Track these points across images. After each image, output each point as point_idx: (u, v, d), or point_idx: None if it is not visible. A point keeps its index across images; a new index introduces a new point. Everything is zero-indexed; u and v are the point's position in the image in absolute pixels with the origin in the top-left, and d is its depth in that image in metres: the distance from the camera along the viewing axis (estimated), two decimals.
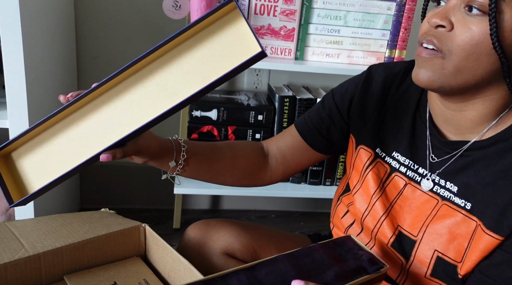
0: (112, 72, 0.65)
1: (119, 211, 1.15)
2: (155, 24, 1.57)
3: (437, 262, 0.68)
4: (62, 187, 1.47)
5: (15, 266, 0.75)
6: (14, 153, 0.70)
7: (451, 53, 0.60)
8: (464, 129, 0.68)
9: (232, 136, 1.46)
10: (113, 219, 1.00)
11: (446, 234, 0.67)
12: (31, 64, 1.08)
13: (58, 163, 0.67)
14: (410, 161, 0.75)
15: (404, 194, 0.74)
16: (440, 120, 0.72)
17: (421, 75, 0.63)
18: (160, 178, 0.81)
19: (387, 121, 0.78)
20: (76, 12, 1.52)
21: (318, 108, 0.87)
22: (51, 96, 1.29)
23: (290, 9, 1.36)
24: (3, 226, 0.92)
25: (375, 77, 0.81)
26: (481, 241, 0.64)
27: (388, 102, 0.79)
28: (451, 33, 0.60)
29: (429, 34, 0.62)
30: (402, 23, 1.39)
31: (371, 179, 0.78)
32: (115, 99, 0.66)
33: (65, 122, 0.69)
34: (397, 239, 0.74)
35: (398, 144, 0.76)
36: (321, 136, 0.86)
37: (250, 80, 1.67)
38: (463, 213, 0.67)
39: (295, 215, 1.87)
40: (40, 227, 0.91)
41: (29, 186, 0.69)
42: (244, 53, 0.60)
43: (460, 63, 0.60)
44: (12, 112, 1.08)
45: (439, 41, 0.61)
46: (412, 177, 0.74)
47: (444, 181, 0.70)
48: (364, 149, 0.80)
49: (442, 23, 0.60)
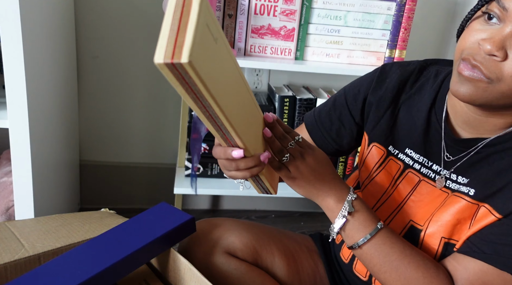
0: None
1: (119, 211, 1.15)
2: (155, 24, 1.57)
3: (444, 247, 0.71)
4: (62, 187, 1.47)
5: (15, 266, 0.75)
6: None
7: (500, 81, 0.58)
8: (483, 130, 0.69)
9: None
10: (113, 219, 1.00)
11: (451, 220, 0.69)
12: (31, 64, 1.08)
13: None
14: (424, 158, 0.75)
15: (418, 190, 0.75)
16: (459, 120, 0.71)
17: (462, 91, 0.61)
18: (159, 178, 0.80)
19: (400, 118, 0.79)
20: (76, 12, 1.52)
21: (329, 109, 0.87)
22: (51, 96, 1.29)
23: (290, 9, 1.36)
24: (3, 226, 0.92)
25: (389, 75, 0.81)
26: (484, 220, 0.66)
27: (402, 100, 0.79)
28: (503, 63, 0.58)
29: (477, 59, 0.59)
30: (402, 23, 1.39)
31: (382, 176, 0.79)
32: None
33: None
34: (407, 233, 0.76)
35: (411, 141, 0.77)
36: (330, 139, 0.86)
37: (250, 80, 1.67)
38: (466, 199, 0.69)
39: (295, 215, 1.87)
40: (40, 227, 0.91)
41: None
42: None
43: (507, 91, 0.59)
44: (12, 112, 1.08)
45: (488, 69, 0.58)
46: (426, 174, 0.75)
47: (456, 175, 0.71)
48: (377, 146, 0.81)
49: (497, 53, 0.57)
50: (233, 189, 1.45)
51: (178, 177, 1.48)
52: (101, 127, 1.68)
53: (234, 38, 1.38)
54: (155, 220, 0.80)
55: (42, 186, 1.23)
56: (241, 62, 1.34)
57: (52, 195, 1.34)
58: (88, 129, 1.68)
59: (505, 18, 0.58)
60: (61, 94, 1.40)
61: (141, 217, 0.82)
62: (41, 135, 1.20)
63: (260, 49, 1.39)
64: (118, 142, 1.72)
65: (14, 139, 1.10)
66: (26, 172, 1.13)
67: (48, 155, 1.28)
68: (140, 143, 1.73)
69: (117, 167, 1.74)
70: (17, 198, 1.15)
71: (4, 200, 1.20)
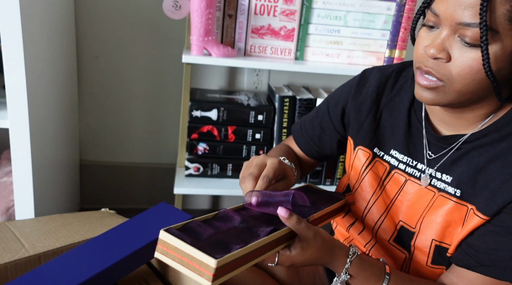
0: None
1: (119, 211, 1.15)
2: (155, 24, 1.57)
3: (436, 250, 0.71)
4: (62, 187, 1.47)
5: (15, 266, 0.75)
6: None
7: (452, 81, 0.62)
8: (460, 126, 0.71)
9: (232, 137, 1.46)
10: (113, 219, 1.00)
11: (441, 222, 0.70)
12: (31, 64, 1.08)
13: None
14: (408, 157, 0.77)
15: (405, 189, 0.76)
16: (437, 118, 0.74)
17: (425, 97, 0.65)
18: (160, 178, 0.81)
19: (383, 120, 0.80)
20: (76, 12, 1.52)
21: (312, 117, 0.92)
22: (51, 96, 1.29)
23: (290, 9, 1.36)
24: (3, 226, 0.92)
25: (369, 80, 0.83)
26: (471, 223, 0.67)
27: (383, 103, 0.81)
28: (449, 64, 0.61)
29: (427, 65, 0.63)
30: (402, 23, 1.39)
31: (370, 178, 0.80)
32: None
33: None
34: (398, 234, 0.76)
35: (395, 141, 0.78)
36: (313, 144, 0.90)
37: (250, 80, 1.67)
38: (454, 200, 0.70)
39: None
40: (40, 227, 0.92)
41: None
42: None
43: (462, 89, 0.62)
44: (12, 112, 1.08)
45: (438, 72, 0.63)
46: (411, 173, 0.76)
47: (440, 173, 0.72)
48: (362, 150, 0.82)
49: (440, 56, 0.61)
50: (233, 189, 1.45)
51: (178, 177, 1.48)
52: (101, 127, 1.68)
53: (234, 38, 1.38)
54: (155, 220, 0.80)
55: (42, 186, 1.23)
56: (241, 62, 1.34)
57: (52, 195, 1.34)
58: (88, 129, 1.68)
59: (439, 23, 0.62)
60: (61, 94, 1.40)
61: (141, 217, 0.82)
62: (41, 135, 1.20)
63: (260, 49, 1.39)
64: (118, 142, 1.72)
65: (14, 139, 1.10)
66: (26, 172, 1.13)
67: (48, 155, 1.28)
68: (140, 142, 1.73)
69: (117, 167, 1.74)
70: (17, 198, 1.15)
71: (4, 200, 1.20)
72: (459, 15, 0.58)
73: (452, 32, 0.61)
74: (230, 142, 1.47)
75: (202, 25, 1.28)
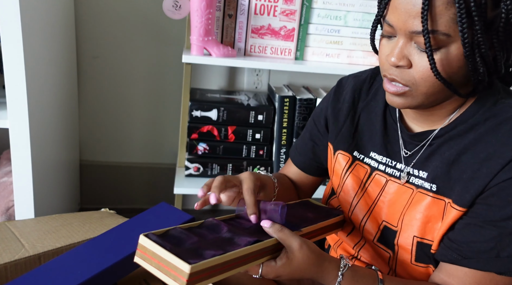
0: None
1: (119, 211, 1.15)
2: (155, 24, 1.57)
3: (418, 247, 0.72)
4: (62, 187, 1.47)
5: (15, 266, 0.75)
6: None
7: (417, 85, 0.64)
8: (431, 122, 0.73)
9: (232, 137, 1.46)
10: (113, 219, 1.00)
11: (421, 219, 0.71)
12: (31, 64, 1.08)
13: None
14: (387, 158, 0.78)
15: (386, 190, 0.77)
16: (410, 117, 0.76)
17: (396, 102, 0.68)
18: (160, 178, 0.81)
19: (361, 124, 0.83)
20: (76, 12, 1.52)
21: (303, 134, 0.94)
22: (51, 96, 1.29)
23: (290, 9, 1.36)
24: (3, 226, 0.92)
25: (345, 87, 0.86)
26: (449, 216, 0.68)
27: (360, 108, 0.83)
28: (411, 70, 0.64)
29: (391, 73, 0.66)
30: None
31: (351, 181, 0.82)
32: None
33: None
34: (382, 233, 0.77)
35: (374, 144, 0.80)
36: (309, 160, 0.91)
37: (250, 80, 1.67)
38: (430, 195, 0.71)
39: None
40: (40, 227, 0.92)
41: None
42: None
43: (428, 91, 0.64)
44: (12, 112, 1.08)
45: (403, 79, 0.65)
46: (391, 173, 0.77)
47: (417, 170, 0.74)
48: (342, 154, 0.84)
49: (401, 63, 0.63)
50: None
51: (178, 177, 1.48)
52: (101, 127, 1.68)
53: (234, 38, 1.38)
54: (155, 220, 0.80)
55: (42, 186, 1.23)
56: (241, 62, 1.34)
57: (52, 195, 1.34)
58: (88, 129, 1.68)
59: (395, 32, 0.64)
60: (61, 94, 1.40)
61: (141, 217, 0.82)
62: (41, 135, 1.20)
63: (260, 49, 1.39)
64: (118, 142, 1.72)
65: (14, 139, 1.10)
66: (26, 172, 1.13)
67: (48, 155, 1.29)
68: (140, 143, 1.73)
69: (117, 167, 1.74)
70: (17, 198, 1.15)
71: (4, 200, 1.20)
72: (410, 24, 0.61)
73: (408, 39, 0.63)
74: (230, 142, 1.47)
75: (202, 25, 1.28)
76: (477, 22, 0.57)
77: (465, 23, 0.57)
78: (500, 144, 0.65)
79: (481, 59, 0.61)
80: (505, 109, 0.67)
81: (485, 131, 0.67)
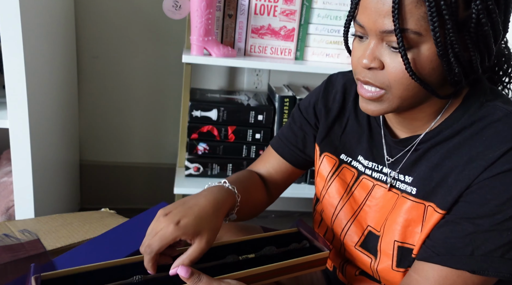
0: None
1: (119, 211, 1.15)
2: (155, 24, 1.57)
3: (399, 251, 0.71)
4: (62, 187, 1.47)
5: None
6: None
7: (391, 88, 0.63)
8: (414, 128, 0.72)
9: (232, 136, 1.46)
10: (113, 219, 1.00)
11: (402, 222, 0.70)
12: (31, 64, 1.08)
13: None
14: (373, 162, 0.77)
15: (372, 194, 0.76)
16: (394, 122, 0.75)
17: (371, 109, 0.66)
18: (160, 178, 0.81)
19: (349, 126, 0.81)
20: (76, 12, 1.52)
21: (289, 124, 0.91)
22: (51, 96, 1.29)
23: (290, 9, 1.36)
24: (3, 226, 0.92)
25: (335, 85, 0.84)
26: (431, 221, 0.67)
27: (348, 108, 0.82)
28: (384, 71, 0.62)
29: (365, 76, 0.64)
30: None
31: (337, 184, 0.80)
32: None
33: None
34: (365, 239, 0.76)
35: (361, 147, 0.79)
36: (298, 151, 0.89)
37: (250, 80, 1.67)
38: (411, 199, 0.70)
39: (295, 215, 1.87)
40: (40, 227, 0.92)
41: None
42: None
43: (403, 93, 0.63)
44: (12, 112, 1.08)
45: (376, 81, 0.63)
46: (378, 178, 0.76)
47: (403, 175, 0.73)
48: (328, 156, 0.83)
49: (373, 65, 0.62)
50: None
51: (178, 177, 1.48)
52: (101, 127, 1.68)
53: (234, 38, 1.38)
54: None
55: (42, 186, 1.23)
56: (241, 62, 1.34)
57: (52, 195, 1.34)
58: (88, 129, 1.68)
59: (366, 33, 0.63)
60: (61, 94, 1.40)
61: (141, 217, 0.82)
62: (41, 135, 1.20)
63: (260, 49, 1.40)
64: (118, 142, 1.72)
65: (14, 139, 1.10)
66: (26, 172, 1.13)
67: (48, 155, 1.29)
68: (140, 142, 1.73)
69: (117, 167, 1.74)
70: (17, 198, 1.15)
71: (4, 200, 1.20)
72: (381, 23, 0.59)
73: (379, 40, 0.62)
74: (230, 142, 1.47)
75: (202, 25, 1.28)
76: (448, 21, 0.56)
77: (436, 22, 0.56)
78: (483, 147, 0.64)
79: (455, 60, 0.59)
80: (490, 111, 0.66)
81: (469, 135, 0.66)
